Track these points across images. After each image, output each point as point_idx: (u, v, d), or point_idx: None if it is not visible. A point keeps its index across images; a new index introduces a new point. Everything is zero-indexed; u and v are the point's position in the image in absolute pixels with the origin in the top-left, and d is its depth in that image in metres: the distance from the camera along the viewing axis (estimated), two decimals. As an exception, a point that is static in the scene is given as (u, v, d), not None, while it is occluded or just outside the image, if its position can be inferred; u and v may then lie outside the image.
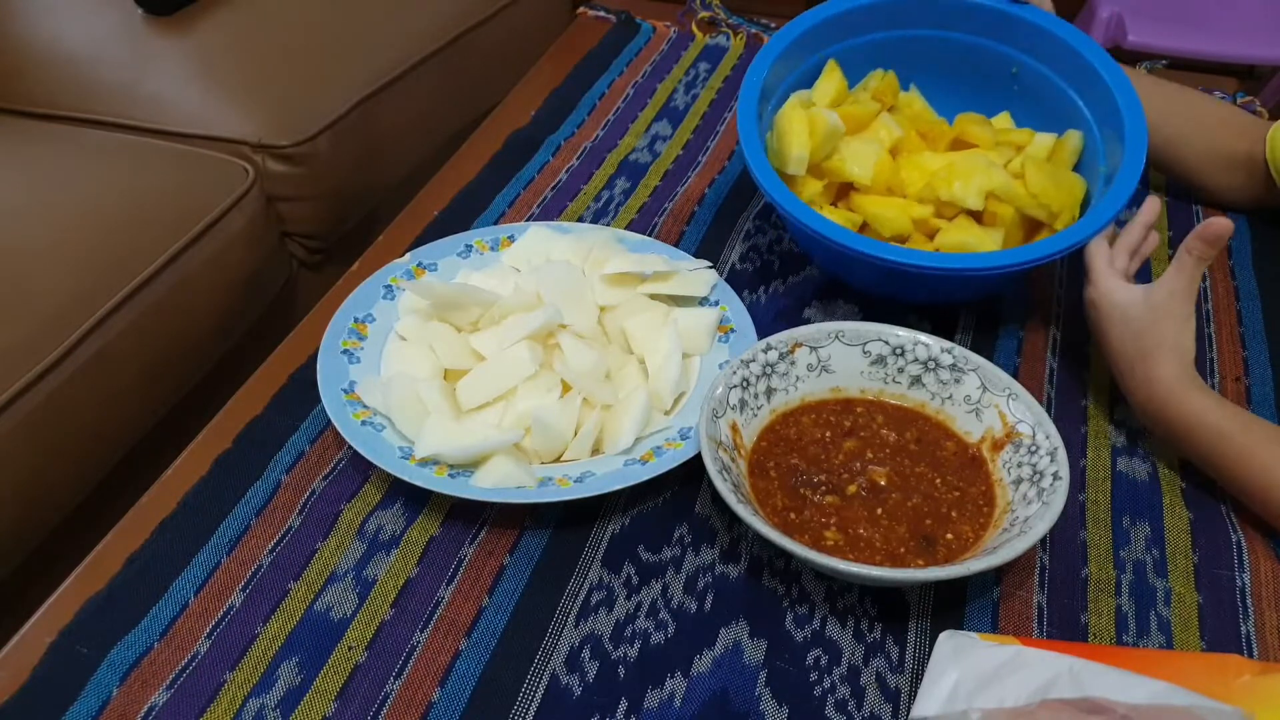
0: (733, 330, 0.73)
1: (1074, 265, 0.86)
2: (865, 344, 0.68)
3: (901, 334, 0.68)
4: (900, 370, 0.68)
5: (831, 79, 0.83)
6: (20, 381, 0.90)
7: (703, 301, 0.76)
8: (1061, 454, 0.60)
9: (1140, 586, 0.61)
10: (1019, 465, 0.62)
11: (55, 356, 0.93)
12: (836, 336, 0.68)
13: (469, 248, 0.81)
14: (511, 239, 0.81)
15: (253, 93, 1.22)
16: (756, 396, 0.66)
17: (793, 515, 0.61)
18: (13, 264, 0.99)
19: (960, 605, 0.60)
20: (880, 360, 0.68)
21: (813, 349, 0.67)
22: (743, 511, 0.56)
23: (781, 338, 0.67)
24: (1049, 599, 0.60)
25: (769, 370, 0.66)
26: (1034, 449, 0.61)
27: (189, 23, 1.29)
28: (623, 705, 0.55)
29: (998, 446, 0.64)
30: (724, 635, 0.58)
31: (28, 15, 1.30)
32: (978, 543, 0.59)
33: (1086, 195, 0.78)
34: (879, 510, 0.61)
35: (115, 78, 1.24)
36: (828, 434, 0.66)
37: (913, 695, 0.55)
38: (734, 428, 0.63)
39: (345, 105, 1.24)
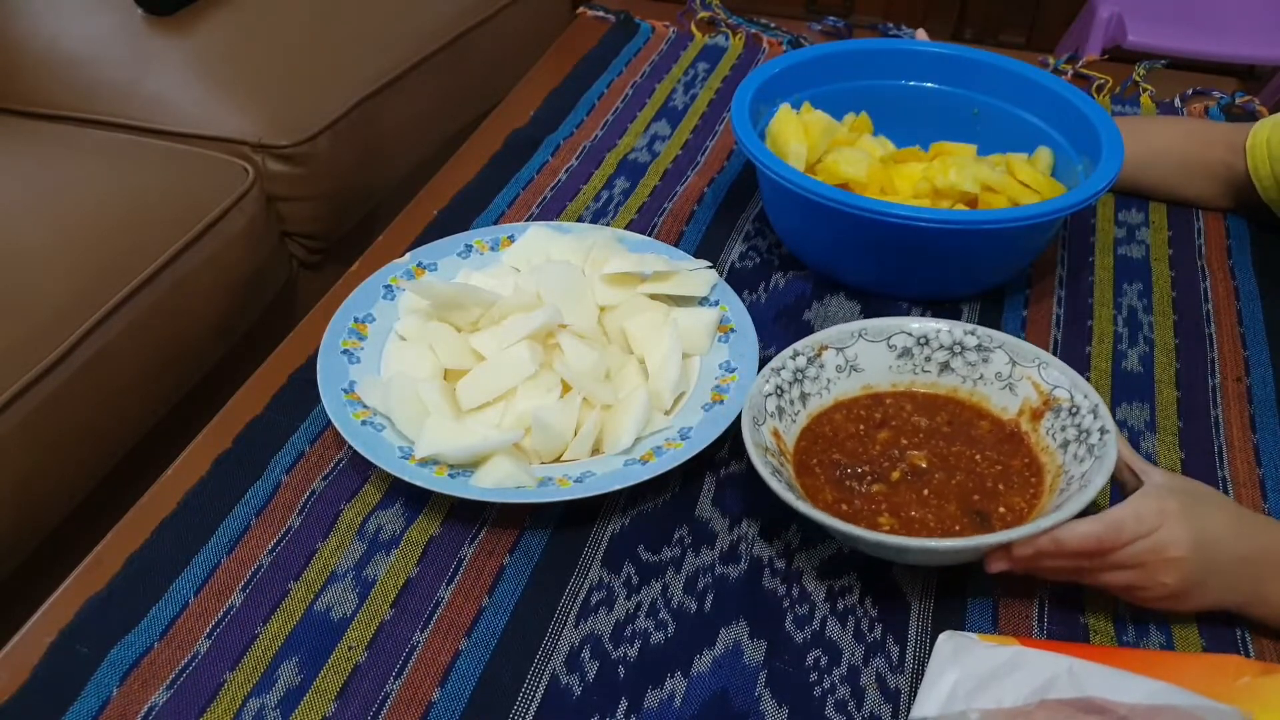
0: (733, 330, 0.73)
1: (1074, 266, 0.86)
2: (889, 338, 0.68)
3: (925, 323, 0.68)
4: (927, 359, 0.68)
5: (814, 113, 0.86)
6: (20, 381, 0.90)
7: (702, 301, 0.76)
8: (1103, 409, 0.60)
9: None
10: (1063, 429, 0.62)
11: (55, 356, 0.93)
12: (860, 335, 0.68)
13: (469, 248, 0.81)
14: (512, 239, 0.81)
15: (253, 93, 1.22)
16: (792, 403, 0.66)
17: (844, 507, 0.61)
18: (12, 264, 0.99)
19: (961, 606, 0.60)
20: (906, 352, 0.68)
21: (839, 350, 0.68)
22: (803, 508, 0.56)
23: (807, 342, 0.67)
24: (1049, 599, 0.60)
25: (800, 376, 0.66)
26: (1075, 410, 0.62)
27: (189, 23, 1.29)
28: (623, 705, 0.55)
29: (1037, 416, 0.64)
30: (724, 635, 0.58)
31: (28, 15, 1.30)
32: (1033, 511, 0.60)
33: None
34: (925, 491, 0.62)
35: (115, 78, 1.24)
36: (861, 427, 0.66)
37: (912, 695, 0.55)
38: (776, 434, 0.64)
39: (345, 105, 1.25)
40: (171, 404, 1.09)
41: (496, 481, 0.62)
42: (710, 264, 0.78)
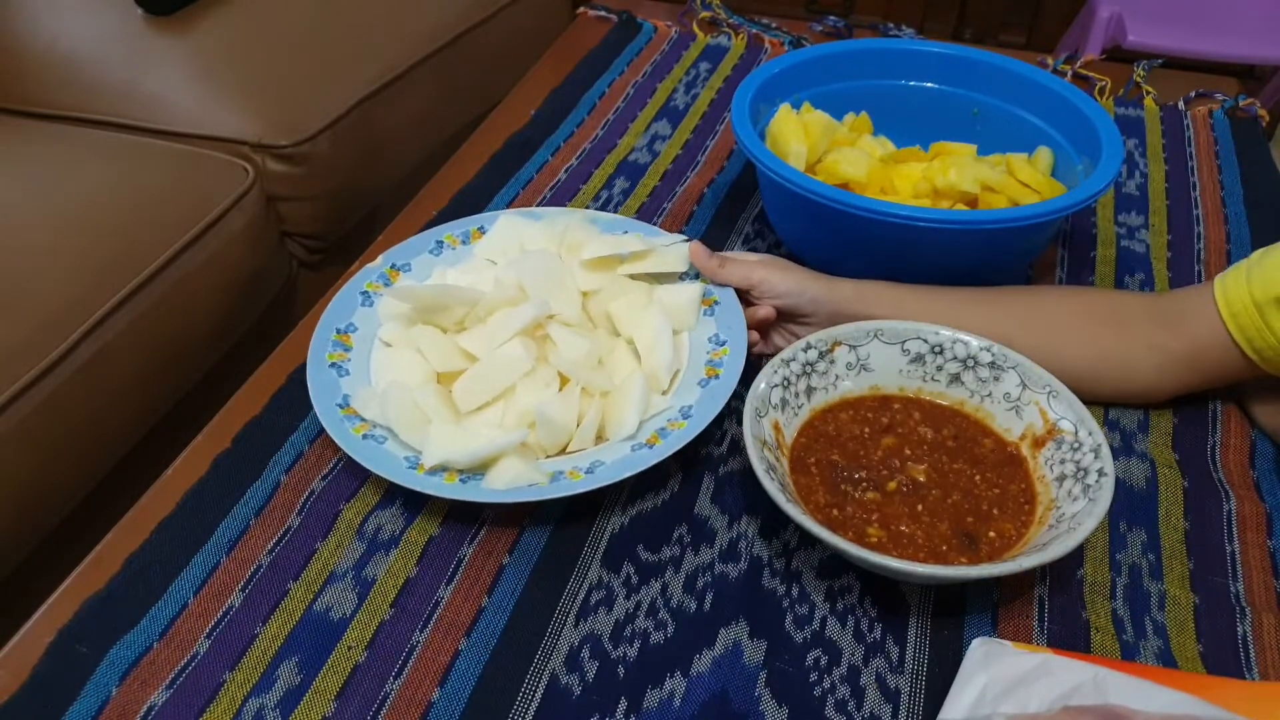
0: (717, 303, 0.73)
1: (1074, 266, 0.86)
2: (904, 342, 0.68)
3: (941, 332, 0.68)
4: (939, 368, 0.68)
5: (814, 113, 0.86)
6: (20, 381, 0.90)
7: (683, 276, 0.76)
8: (1105, 450, 0.59)
9: (1135, 589, 0.61)
10: (1061, 462, 0.62)
11: (55, 356, 0.93)
12: (875, 335, 0.68)
13: (440, 244, 0.79)
14: (482, 230, 0.80)
15: (253, 93, 1.22)
16: (797, 395, 0.66)
17: (835, 511, 0.61)
18: (12, 264, 0.99)
19: (960, 607, 0.60)
20: (919, 358, 0.68)
21: (852, 347, 0.68)
22: (792, 511, 0.56)
23: (821, 336, 0.67)
24: (1049, 600, 0.60)
25: (809, 369, 0.66)
26: (1077, 446, 0.61)
27: (189, 23, 1.29)
28: (622, 705, 0.55)
29: (1039, 444, 0.64)
30: (724, 635, 0.58)
31: (28, 15, 1.30)
32: (1020, 540, 0.59)
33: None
34: (919, 507, 0.61)
35: (115, 78, 1.24)
36: (866, 430, 0.66)
37: (913, 696, 0.56)
38: (776, 426, 0.64)
39: (345, 105, 1.25)
40: (171, 404, 1.09)
41: (509, 482, 0.62)
42: (686, 237, 0.77)
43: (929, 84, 0.89)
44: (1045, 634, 0.59)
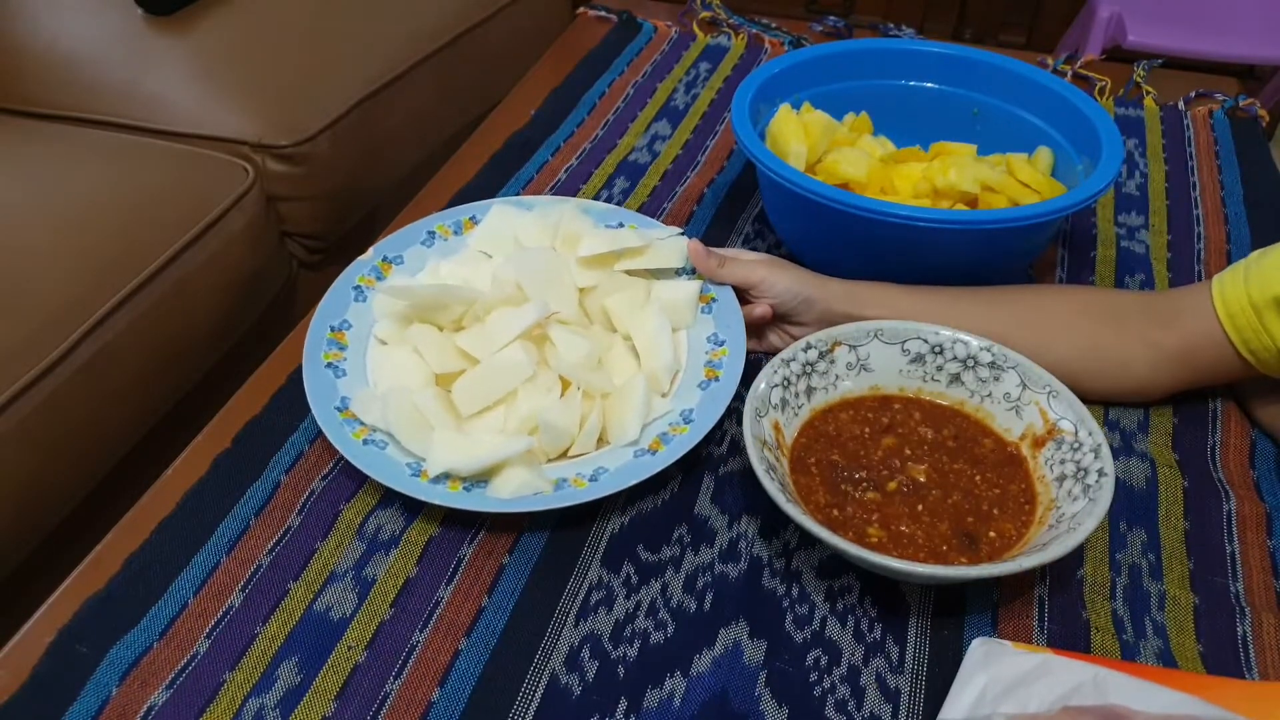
0: (714, 300, 0.73)
1: (1074, 266, 0.86)
2: (904, 342, 0.68)
3: (941, 332, 0.68)
4: (939, 368, 0.68)
5: (814, 113, 0.86)
6: (20, 381, 0.90)
7: (680, 272, 0.75)
8: (1105, 450, 0.59)
9: (1135, 589, 0.61)
10: (1062, 462, 0.62)
11: (55, 357, 0.93)
12: (875, 335, 0.68)
13: (431, 234, 0.79)
14: (474, 219, 0.80)
15: (253, 93, 1.22)
16: (797, 395, 0.66)
17: (835, 512, 0.61)
18: (12, 264, 0.99)
19: (960, 607, 0.60)
20: (919, 358, 0.68)
21: (852, 347, 0.68)
22: (792, 511, 0.56)
23: (821, 336, 0.67)
24: (1049, 600, 0.60)
25: (809, 369, 0.66)
26: (1077, 446, 0.61)
27: (189, 23, 1.29)
28: (622, 705, 0.55)
29: (1039, 444, 0.64)
30: (724, 635, 0.58)
31: (28, 15, 1.30)
32: (1020, 540, 0.59)
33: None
34: (920, 507, 0.61)
35: (115, 78, 1.24)
36: (866, 430, 0.66)
37: (913, 696, 0.56)
38: (776, 427, 0.64)
39: (345, 105, 1.24)
40: (171, 404, 1.09)
41: (514, 490, 0.62)
42: (681, 230, 0.77)
43: (929, 84, 0.89)
44: (1045, 634, 0.59)
